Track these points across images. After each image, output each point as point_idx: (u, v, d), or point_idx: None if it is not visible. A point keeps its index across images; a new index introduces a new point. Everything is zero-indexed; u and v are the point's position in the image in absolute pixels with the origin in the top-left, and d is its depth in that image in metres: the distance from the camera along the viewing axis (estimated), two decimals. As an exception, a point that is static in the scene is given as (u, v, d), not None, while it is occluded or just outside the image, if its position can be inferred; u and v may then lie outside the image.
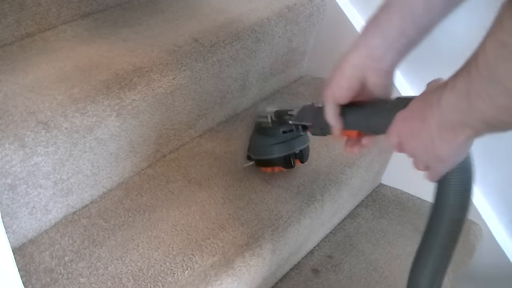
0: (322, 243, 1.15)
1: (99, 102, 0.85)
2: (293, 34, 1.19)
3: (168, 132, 1.01)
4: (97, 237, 0.86)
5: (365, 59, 0.62)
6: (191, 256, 0.83)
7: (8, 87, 0.86)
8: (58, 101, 0.83)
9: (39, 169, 0.80)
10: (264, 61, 1.15)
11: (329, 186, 1.00)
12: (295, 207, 0.94)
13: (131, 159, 0.96)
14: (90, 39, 1.02)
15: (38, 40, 1.01)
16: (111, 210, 0.91)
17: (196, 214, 0.90)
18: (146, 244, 0.85)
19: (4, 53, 0.96)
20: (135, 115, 0.91)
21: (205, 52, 1.00)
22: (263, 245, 0.87)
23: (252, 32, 1.09)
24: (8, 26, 0.98)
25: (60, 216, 0.89)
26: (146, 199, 0.93)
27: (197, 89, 1.01)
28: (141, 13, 1.13)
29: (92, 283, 0.78)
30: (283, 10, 1.16)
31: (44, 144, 0.79)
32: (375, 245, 1.16)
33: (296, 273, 1.08)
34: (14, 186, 0.78)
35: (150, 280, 0.79)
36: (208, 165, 1.02)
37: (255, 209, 0.92)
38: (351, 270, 1.09)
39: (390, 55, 0.61)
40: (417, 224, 1.23)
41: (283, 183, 0.98)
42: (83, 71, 0.91)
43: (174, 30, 1.06)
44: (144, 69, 0.93)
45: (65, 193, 0.87)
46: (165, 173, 0.99)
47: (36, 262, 0.81)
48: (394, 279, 1.09)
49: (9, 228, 0.81)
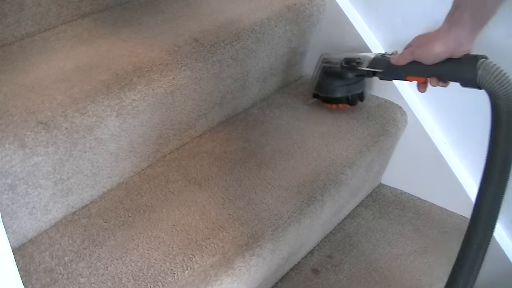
0: (322, 243, 1.15)
1: (99, 102, 0.85)
2: (293, 34, 1.19)
3: (168, 132, 1.01)
4: (97, 237, 0.86)
5: (453, 44, 0.79)
6: (191, 256, 0.83)
7: (8, 87, 0.86)
8: (58, 101, 0.83)
9: (39, 169, 0.80)
10: (264, 61, 1.15)
11: (329, 186, 1.00)
12: (295, 207, 0.94)
13: (131, 159, 0.96)
14: (90, 39, 1.02)
15: (38, 40, 1.01)
16: (111, 210, 0.91)
17: (196, 214, 0.90)
18: (146, 244, 0.85)
19: (4, 53, 0.96)
20: (135, 115, 0.91)
21: (205, 52, 1.00)
22: (263, 245, 0.87)
23: (252, 32, 1.09)
24: (8, 26, 0.98)
25: (60, 216, 0.89)
26: (146, 199, 0.93)
27: (197, 89, 1.01)
28: (141, 13, 1.13)
29: (92, 283, 0.78)
30: (283, 10, 1.16)
31: (44, 144, 0.79)
32: (375, 245, 1.16)
33: (296, 273, 1.08)
34: (14, 186, 0.78)
35: (150, 280, 0.79)
36: (208, 165, 1.02)
37: (255, 209, 0.92)
38: (351, 270, 1.09)
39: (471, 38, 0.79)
40: (417, 224, 1.23)
41: (283, 183, 0.98)
42: (83, 71, 0.91)
43: (174, 30, 1.06)
44: (144, 69, 0.93)
45: (65, 193, 0.87)
46: (165, 173, 0.99)
47: (36, 262, 0.81)
48: (394, 279, 1.09)
49: (9, 228, 0.81)
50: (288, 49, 1.21)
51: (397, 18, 1.18)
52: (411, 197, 1.30)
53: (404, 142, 1.26)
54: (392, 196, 1.30)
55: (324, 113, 1.19)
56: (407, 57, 0.88)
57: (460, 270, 0.83)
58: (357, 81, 1.14)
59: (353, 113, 1.20)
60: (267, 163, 1.03)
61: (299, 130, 1.13)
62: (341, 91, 1.15)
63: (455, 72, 0.82)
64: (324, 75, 1.16)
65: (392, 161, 1.30)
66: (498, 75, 0.76)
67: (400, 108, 1.22)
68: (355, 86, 1.15)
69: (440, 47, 0.80)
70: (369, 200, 1.29)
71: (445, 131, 1.21)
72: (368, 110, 1.21)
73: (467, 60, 0.80)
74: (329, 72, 1.14)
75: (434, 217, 1.24)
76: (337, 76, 1.13)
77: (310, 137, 1.11)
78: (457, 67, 0.81)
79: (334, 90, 1.15)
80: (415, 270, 1.12)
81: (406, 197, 1.30)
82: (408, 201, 1.29)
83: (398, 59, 0.90)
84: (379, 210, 1.26)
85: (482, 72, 0.78)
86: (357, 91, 1.16)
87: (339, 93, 1.15)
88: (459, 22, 0.77)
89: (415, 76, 0.89)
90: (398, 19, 1.18)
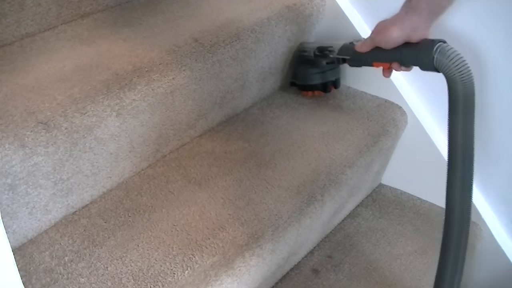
0: (322, 243, 1.15)
1: (99, 102, 0.85)
2: (293, 34, 1.19)
3: (168, 132, 1.01)
4: (97, 237, 0.86)
5: (409, 29, 0.83)
6: (191, 256, 0.83)
7: (8, 87, 0.86)
8: (58, 101, 0.83)
9: (39, 169, 0.80)
10: (264, 61, 1.15)
11: (329, 186, 1.00)
12: (295, 207, 0.94)
13: (131, 159, 0.96)
14: (90, 39, 1.02)
15: (38, 40, 1.01)
16: (111, 210, 0.91)
17: (196, 214, 0.90)
18: (146, 244, 0.85)
19: (4, 53, 0.96)
20: (135, 115, 0.91)
21: (205, 52, 1.00)
22: (263, 245, 0.87)
23: (252, 32, 1.09)
24: (8, 26, 0.98)
25: (60, 216, 0.89)
26: (146, 199, 0.93)
27: (197, 89, 1.01)
28: (141, 13, 1.13)
29: (92, 283, 0.78)
30: (283, 10, 1.16)
31: (44, 144, 0.79)
32: (375, 245, 1.16)
33: (296, 273, 1.08)
34: (14, 186, 0.78)
35: (150, 280, 0.79)
36: (208, 165, 1.02)
37: (255, 209, 0.92)
38: (351, 270, 1.09)
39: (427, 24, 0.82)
40: (417, 224, 1.23)
41: (283, 183, 0.98)
42: (83, 71, 0.91)
43: (174, 30, 1.06)
44: (144, 69, 0.93)
45: (65, 193, 0.87)
46: (165, 173, 0.99)
47: (36, 262, 0.81)
48: (394, 279, 1.09)
49: (9, 228, 0.81)
50: (288, 49, 1.21)
51: (397, 18, 1.18)
52: (411, 197, 1.30)
53: (404, 142, 1.26)
54: (392, 196, 1.30)
55: (324, 113, 1.19)
56: (368, 44, 0.91)
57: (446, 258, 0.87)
58: (331, 69, 1.18)
59: (353, 113, 1.20)
60: (267, 163, 1.03)
61: (299, 130, 1.13)
62: (315, 78, 1.19)
63: (413, 56, 0.86)
64: (300, 63, 1.21)
65: (392, 161, 1.30)
66: (455, 58, 0.78)
67: (400, 108, 1.22)
68: (330, 73, 1.19)
69: (396, 32, 0.84)
70: (369, 200, 1.29)
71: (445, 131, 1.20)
72: (368, 110, 1.21)
73: (424, 44, 0.83)
74: (304, 60, 1.19)
75: (434, 217, 1.24)
76: (311, 64, 1.17)
77: (310, 137, 1.11)
78: (415, 52, 0.84)
79: (309, 77, 1.20)
80: (415, 270, 1.12)
81: (406, 197, 1.30)
82: (408, 201, 1.29)
83: (361, 45, 0.94)
84: (379, 210, 1.26)
85: (439, 56, 0.80)
86: (331, 78, 1.20)
87: (313, 81, 1.19)
88: (416, 9, 0.80)
89: (379, 62, 0.93)
90: (398, 19, 1.18)
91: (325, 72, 1.18)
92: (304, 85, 1.22)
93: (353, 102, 1.24)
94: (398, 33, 0.84)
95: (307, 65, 1.19)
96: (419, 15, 0.80)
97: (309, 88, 1.22)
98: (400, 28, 0.83)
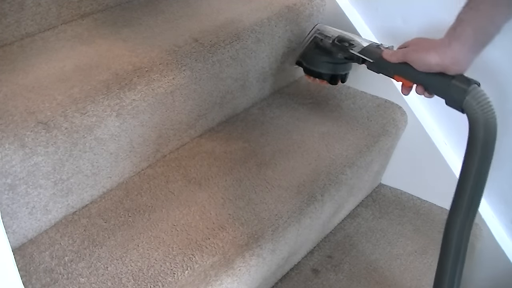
0: (322, 243, 1.15)
1: (99, 102, 0.85)
2: (293, 34, 1.19)
3: (168, 132, 1.01)
4: (97, 237, 0.86)
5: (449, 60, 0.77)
6: (191, 256, 0.83)
7: (8, 87, 0.86)
8: (58, 101, 0.83)
9: (39, 169, 0.80)
10: (264, 61, 1.15)
11: (329, 186, 1.00)
12: (295, 207, 0.94)
13: (131, 159, 0.96)
14: (90, 39, 1.02)
15: (38, 40, 1.01)
16: (111, 210, 0.91)
17: (196, 214, 0.90)
18: (146, 244, 0.85)
19: (4, 53, 0.96)
20: (135, 115, 0.91)
21: (205, 52, 1.00)
22: (263, 245, 0.87)
23: (252, 32, 1.09)
24: (8, 26, 0.98)
25: (60, 216, 0.89)
26: (146, 199, 0.93)
27: (197, 89, 1.01)
28: (141, 13, 1.13)
29: (92, 283, 0.78)
30: (283, 10, 1.16)
31: (44, 144, 0.79)
32: (375, 245, 1.16)
33: (296, 273, 1.08)
34: (14, 186, 0.78)
35: (150, 280, 0.79)
36: (208, 165, 1.02)
37: (255, 209, 0.92)
38: (351, 270, 1.09)
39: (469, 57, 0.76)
40: (417, 224, 1.23)
41: (283, 183, 0.98)
42: (83, 71, 0.91)
43: (174, 30, 1.06)
44: (144, 69, 0.93)
45: (65, 193, 0.87)
46: (165, 173, 0.99)
47: (36, 262, 0.81)
48: (394, 279, 1.09)
49: (9, 228, 0.81)
50: (288, 49, 1.21)
51: (397, 18, 1.18)
52: (411, 197, 1.30)
53: (404, 142, 1.26)
54: (392, 196, 1.30)
55: (324, 113, 1.19)
56: (399, 56, 0.85)
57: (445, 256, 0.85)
58: (344, 62, 1.09)
59: (353, 113, 1.20)
60: (267, 163, 1.03)
61: (299, 130, 1.13)
62: (326, 67, 1.10)
63: (444, 89, 0.79)
64: (314, 47, 1.12)
65: (392, 161, 1.30)
66: (485, 106, 0.74)
67: (400, 108, 1.22)
68: (341, 67, 1.10)
69: (435, 59, 0.78)
70: (369, 200, 1.29)
71: (445, 131, 1.21)
72: (368, 110, 1.21)
73: (459, 81, 0.77)
74: (319, 45, 1.09)
75: (434, 217, 1.24)
76: (325, 51, 1.08)
77: (310, 137, 1.11)
78: (447, 85, 0.78)
79: (320, 64, 1.11)
80: (415, 270, 1.12)
81: (406, 197, 1.30)
82: (408, 201, 1.29)
83: (390, 55, 0.88)
84: (379, 210, 1.26)
85: (470, 99, 0.75)
86: (341, 71, 1.11)
87: (323, 69, 1.11)
88: (461, 37, 0.74)
89: (403, 78, 0.87)
90: (398, 19, 1.18)
91: (338, 64, 1.09)
92: (313, 70, 1.12)
93: (353, 102, 1.24)
94: (437, 60, 0.77)
95: (320, 49, 1.09)
96: (463, 45, 0.74)
97: (316, 75, 1.12)
98: (440, 57, 0.77)
